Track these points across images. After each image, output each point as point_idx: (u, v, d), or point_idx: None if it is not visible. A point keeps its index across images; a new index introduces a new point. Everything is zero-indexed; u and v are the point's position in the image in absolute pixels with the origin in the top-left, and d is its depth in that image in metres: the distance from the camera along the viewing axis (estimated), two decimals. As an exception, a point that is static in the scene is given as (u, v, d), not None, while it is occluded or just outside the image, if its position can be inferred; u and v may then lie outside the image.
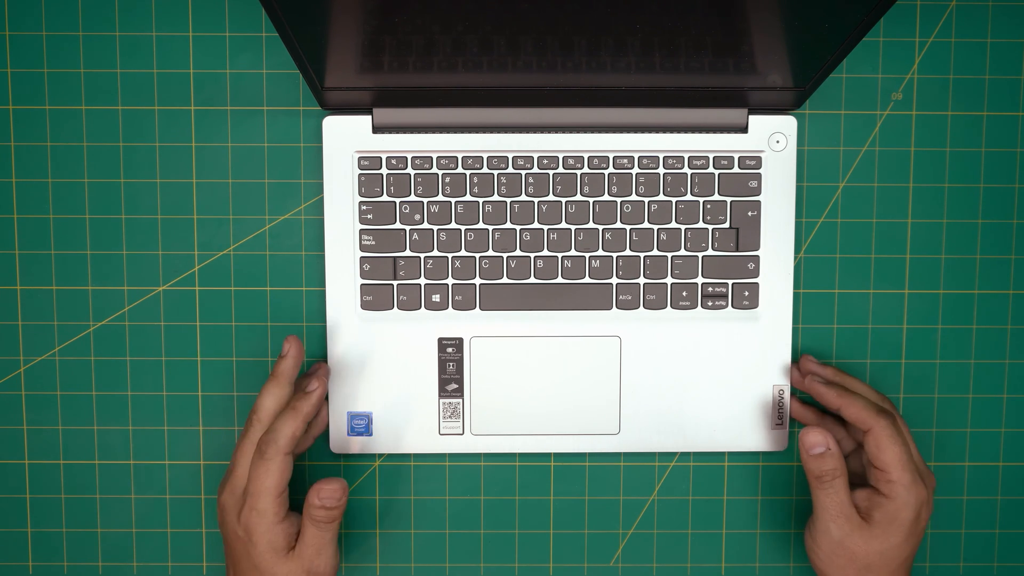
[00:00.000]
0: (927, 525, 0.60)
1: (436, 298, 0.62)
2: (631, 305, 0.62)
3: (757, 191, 0.62)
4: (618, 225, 0.62)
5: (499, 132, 0.61)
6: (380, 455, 0.64)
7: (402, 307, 0.62)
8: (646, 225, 0.62)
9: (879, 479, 0.57)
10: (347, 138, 0.61)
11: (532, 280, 0.62)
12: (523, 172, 0.62)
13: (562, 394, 0.62)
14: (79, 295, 0.63)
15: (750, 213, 0.62)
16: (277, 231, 0.63)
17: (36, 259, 0.63)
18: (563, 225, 0.62)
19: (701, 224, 0.62)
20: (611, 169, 0.62)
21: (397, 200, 0.61)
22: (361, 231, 0.62)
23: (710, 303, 0.62)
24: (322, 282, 0.63)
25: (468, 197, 0.62)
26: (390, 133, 0.61)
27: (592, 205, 0.62)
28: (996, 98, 0.64)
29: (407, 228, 0.62)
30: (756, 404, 0.63)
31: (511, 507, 0.65)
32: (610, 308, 0.62)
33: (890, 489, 0.57)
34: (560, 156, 0.61)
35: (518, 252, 0.62)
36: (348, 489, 0.57)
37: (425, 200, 0.61)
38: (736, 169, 0.62)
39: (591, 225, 0.62)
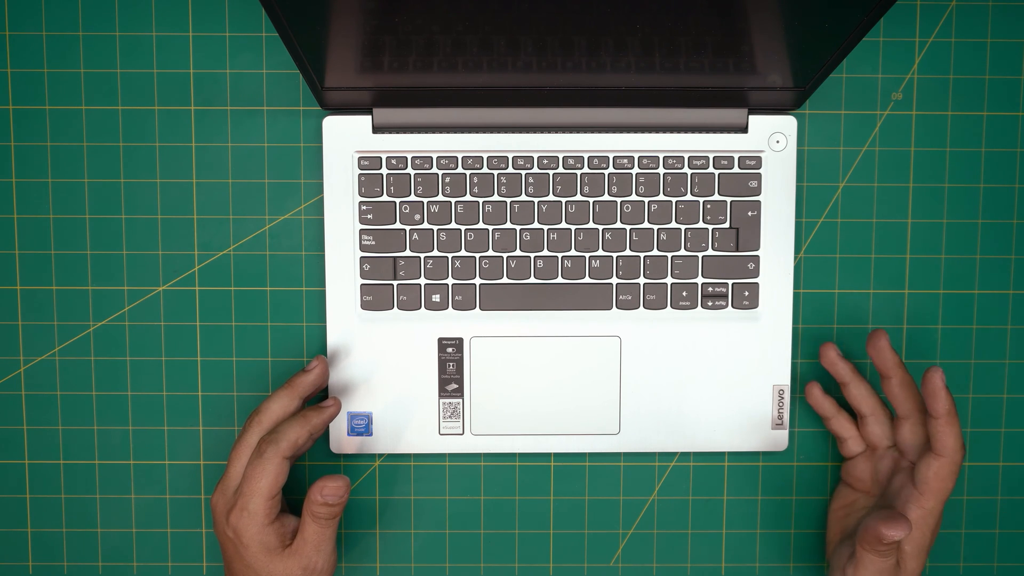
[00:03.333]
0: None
1: (436, 298, 0.62)
2: (631, 305, 0.62)
3: (757, 191, 0.62)
4: (618, 225, 0.62)
5: (499, 132, 0.61)
6: (380, 455, 0.64)
7: (402, 307, 0.62)
8: (646, 225, 0.62)
9: (910, 499, 0.57)
10: (347, 138, 0.61)
11: (532, 280, 0.62)
12: (523, 172, 0.62)
13: (562, 394, 0.62)
14: (79, 295, 0.63)
15: (750, 213, 0.62)
16: (277, 231, 0.63)
17: (36, 259, 0.63)
18: (563, 225, 0.62)
19: (701, 224, 0.62)
20: (611, 169, 0.62)
21: (397, 200, 0.61)
22: (361, 231, 0.62)
23: (710, 303, 0.62)
24: (322, 282, 0.63)
25: (468, 197, 0.62)
26: (390, 133, 0.61)
27: (592, 205, 0.62)
28: (996, 98, 0.64)
29: (407, 228, 0.62)
30: (756, 404, 0.63)
31: (511, 507, 0.65)
32: (610, 308, 0.62)
33: (920, 516, 0.57)
34: (560, 156, 0.61)
35: (518, 252, 0.62)
36: (351, 486, 0.57)
37: (425, 200, 0.62)
38: (736, 169, 0.62)
39: (591, 225, 0.62)
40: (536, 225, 0.62)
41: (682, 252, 0.62)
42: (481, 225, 0.62)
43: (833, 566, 0.59)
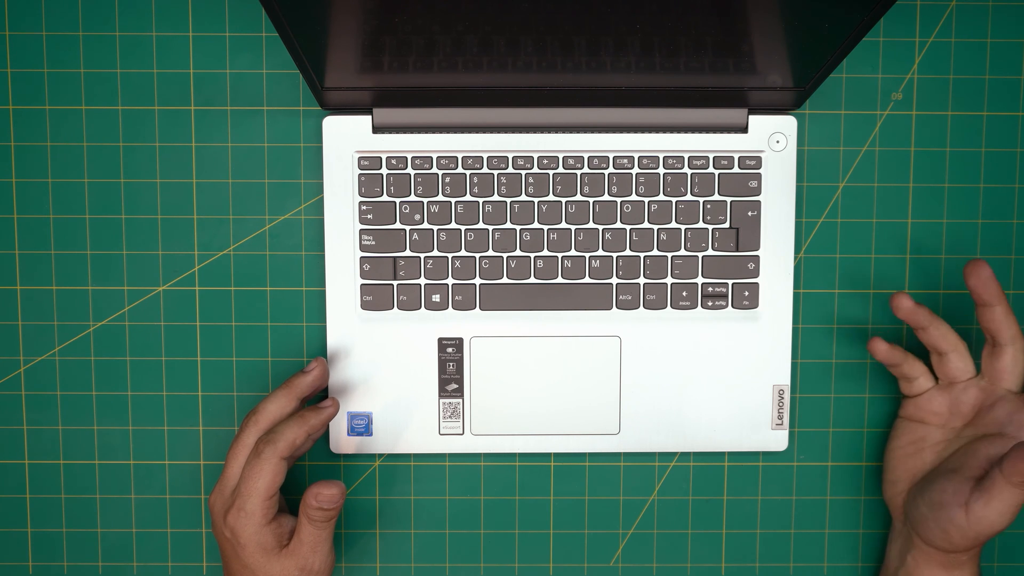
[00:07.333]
0: None
1: (436, 298, 0.62)
2: (631, 305, 0.62)
3: (757, 191, 0.62)
4: (618, 225, 0.62)
5: (499, 132, 0.61)
6: (380, 455, 0.64)
7: (402, 307, 0.62)
8: (646, 225, 0.62)
9: None
10: (347, 138, 0.61)
11: (532, 280, 0.62)
12: (523, 172, 0.62)
13: (562, 394, 0.62)
14: (79, 295, 0.63)
15: (750, 213, 0.62)
16: (277, 231, 0.63)
17: (36, 259, 0.63)
18: (563, 225, 0.62)
19: (701, 224, 0.62)
20: (611, 169, 0.62)
21: (397, 200, 0.61)
22: (361, 231, 0.62)
23: (710, 303, 0.62)
24: (322, 282, 0.63)
25: (468, 197, 0.62)
26: (390, 133, 0.61)
27: (592, 205, 0.62)
28: (996, 98, 0.64)
29: (407, 228, 0.62)
30: (756, 404, 0.63)
31: (511, 507, 0.65)
32: (610, 308, 0.62)
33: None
34: (560, 156, 0.61)
35: (518, 252, 0.62)
36: (346, 492, 0.57)
37: (425, 200, 0.62)
38: (736, 169, 0.62)
39: (591, 225, 0.62)
40: (536, 225, 0.62)
41: (682, 252, 0.62)
42: (481, 225, 0.62)
43: (939, 504, 0.57)
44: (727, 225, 0.62)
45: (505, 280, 0.62)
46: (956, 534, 0.56)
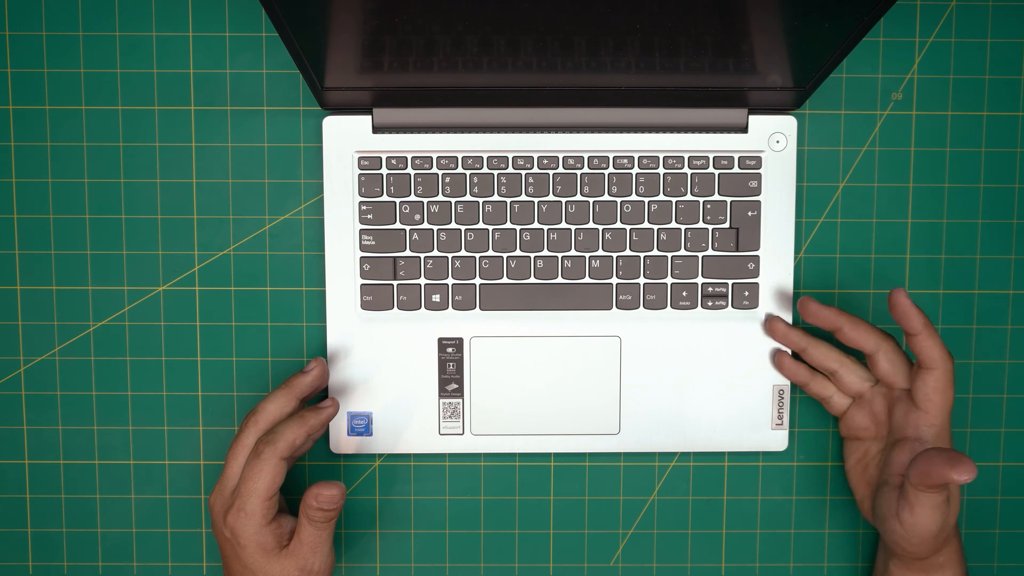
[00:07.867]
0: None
1: (436, 298, 0.62)
2: (631, 305, 0.62)
3: (757, 191, 0.62)
4: (618, 225, 0.62)
5: (499, 132, 0.61)
6: (380, 455, 0.64)
7: (402, 307, 0.62)
8: (646, 225, 0.62)
9: (920, 422, 0.57)
10: (347, 138, 0.61)
11: (532, 280, 0.62)
12: (523, 172, 0.62)
13: (562, 394, 0.62)
14: (79, 295, 0.63)
15: (750, 213, 0.62)
16: (277, 231, 0.63)
17: (36, 259, 0.63)
18: (563, 225, 0.62)
19: (701, 224, 0.62)
20: (611, 169, 0.62)
21: (397, 200, 0.61)
22: (361, 231, 0.62)
23: (710, 303, 0.62)
24: (322, 282, 0.63)
25: (468, 197, 0.62)
26: (390, 133, 0.61)
27: (592, 205, 0.62)
28: (996, 98, 0.64)
29: (407, 228, 0.62)
30: (756, 404, 0.63)
31: (511, 507, 0.65)
32: (610, 308, 0.62)
33: (934, 434, 0.57)
34: (560, 156, 0.61)
35: (518, 252, 0.62)
36: (346, 493, 0.57)
37: (425, 200, 0.62)
38: (736, 169, 0.62)
39: (591, 225, 0.62)
40: (536, 225, 0.62)
41: (682, 252, 0.62)
42: (481, 225, 0.62)
43: (883, 517, 0.58)
44: (727, 225, 0.62)
45: (505, 280, 0.62)
46: (905, 544, 0.57)
